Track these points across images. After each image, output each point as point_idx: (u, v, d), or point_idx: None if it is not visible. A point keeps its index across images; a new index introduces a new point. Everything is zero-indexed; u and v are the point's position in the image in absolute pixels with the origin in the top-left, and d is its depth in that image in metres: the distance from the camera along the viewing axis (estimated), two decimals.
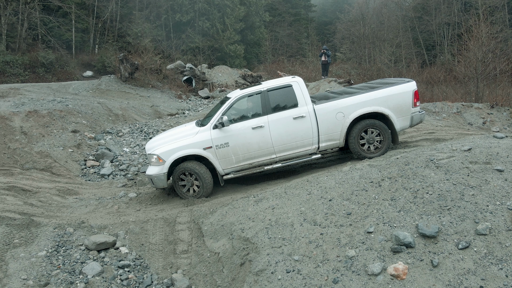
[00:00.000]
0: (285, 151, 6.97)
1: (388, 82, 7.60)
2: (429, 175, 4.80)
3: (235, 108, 7.00)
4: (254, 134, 6.83)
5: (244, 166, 7.00)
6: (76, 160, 9.51)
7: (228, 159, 6.89)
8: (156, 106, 16.03)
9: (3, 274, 4.80)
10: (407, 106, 7.03)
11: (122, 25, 29.11)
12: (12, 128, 10.04)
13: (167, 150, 6.84)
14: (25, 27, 22.91)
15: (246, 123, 6.88)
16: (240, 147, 6.85)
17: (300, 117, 6.86)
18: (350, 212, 4.62)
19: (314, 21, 51.74)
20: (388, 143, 7.05)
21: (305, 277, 3.91)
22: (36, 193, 7.36)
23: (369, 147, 7.06)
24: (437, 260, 3.61)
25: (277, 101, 6.97)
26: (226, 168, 6.97)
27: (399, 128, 7.11)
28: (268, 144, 6.87)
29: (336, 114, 6.93)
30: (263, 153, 6.93)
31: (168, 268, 5.09)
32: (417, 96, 7.12)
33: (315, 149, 7.06)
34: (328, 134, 6.99)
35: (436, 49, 33.65)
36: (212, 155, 6.85)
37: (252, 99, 7.07)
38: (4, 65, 19.23)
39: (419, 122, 7.29)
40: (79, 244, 5.50)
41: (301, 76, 23.64)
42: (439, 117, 12.58)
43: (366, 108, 6.91)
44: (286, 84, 7.05)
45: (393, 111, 6.98)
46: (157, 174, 6.85)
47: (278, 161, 7.05)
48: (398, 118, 7.02)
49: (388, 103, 6.96)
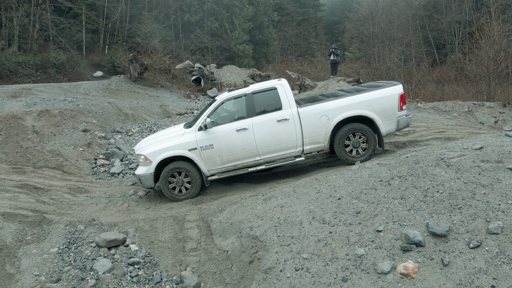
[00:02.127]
0: (269, 153, 6.98)
1: (376, 85, 7.52)
2: (439, 174, 4.76)
3: (220, 111, 7.05)
4: (238, 136, 6.87)
5: (228, 167, 7.05)
6: (87, 159, 9.62)
7: (213, 160, 6.95)
8: (165, 105, 16.13)
9: (16, 270, 4.89)
10: (393, 110, 6.93)
11: (131, 25, 29.38)
12: (24, 128, 10.20)
13: (154, 151, 6.96)
14: (37, 28, 23.27)
15: (230, 125, 6.92)
16: (225, 149, 6.89)
17: (284, 119, 6.86)
18: (359, 211, 4.60)
19: (323, 20, 51.55)
20: (373, 148, 6.97)
21: (314, 275, 3.91)
22: (48, 191, 7.47)
23: (355, 151, 7.00)
24: (448, 259, 3.58)
25: (261, 104, 6.97)
26: (211, 169, 7.03)
27: (385, 132, 7.01)
28: (252, 146, 6.89)
29: (320, 117, 6.88)
30: (247, 155, 6.96)
31: (177, 266, 5.12)
32: (404, 99, 7.02)
33: (299, 151, 7.03)
34: (312, 137, 6.95)
35: (447, 47, 33.27)
36: (197, 156, 6.92)
37: (237, 101, 7.10)
38: (16, 66, 19.54)
39: (405, 126, 7.20)
40: (90, 241, 5.57)
41: (310, 76, 23.34)
42: (449, 116, 12.45)
43: (350, 111, 6.84)
44: (271, 87, 7.06)
45: (378, 114, 6.88)
46: (145, 174, 6.98)
47: (263, 163, 7.07)
48: (383, 122, 6.92)
49: (373, 106, 6.87)
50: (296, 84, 19.14)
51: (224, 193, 7.15)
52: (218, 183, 7.62)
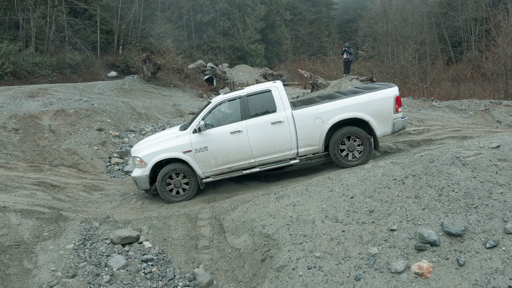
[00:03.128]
0: (263, 156, 6.94)
1: (372, 87, 7.42)
2: (455, 173, 4.68)
3: (215, 113, 7.03)
4: (233, 139, 6.83)
5: (223, 170, 7.02)
6: (101, 157, 9.77)
7: (207, 162, 6.93)
8: (178, 105, 16.25)
9: (33, 265, 5.00)
10: (389, 112, 6.82)
11: (145, 26, 29.70)
12: (41, 127, 10.42)
13: (149, 153, 6.96)
14: (53, 30, 23.72)
15: (224, 128, 6.88)
16: (219, 151, 6.87)
17: (278, 122, 6.80)
18: (372, 210, 4.56)
19: (336, 19, 51.20)
20: (369, 151, 6.88)
21: (326, 273, 3.89)
22: (64, 189, 7.61)
23: (350, 155, 6.91)
24: (464, 259, 3.52)
25: (256, 106, 6.93)
26: (206, 172, 7.01)
27: (380, 135, 6.92)
28: (247, 148, 6.86)
29: (314, 119, 6.80)
30: (241, 157, 6.92)
31: (190, 263, 5.16)
32: (399, 101, 6.91)
33: (294, 154, 6.97)
34: (306, 139, 6.88)
35: (463, 45, 32.65)
36: (192, 159, 6.89)
37: (232, 104, 7.07)
38: (33, 67, 19.96)
39: (401, 129, 7.09)
40: (105, 238, 5.66)
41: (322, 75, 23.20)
42: (465, 114, 12.22)
43: (345, 113, 6.75)
44: (265, 89, 7.01)
45: (373, 117, 6.77)
46: (140, 176, 6.98)
47: (257, 165, 7.03)
48: (379, 124, 6.81)
49: (369, 108, 6.77)
50: (309, 83, 19.06)
51: (236, 191, 7.17)
52: (230, 182, 7.64)
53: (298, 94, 18.76)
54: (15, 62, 18.63)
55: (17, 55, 19.20)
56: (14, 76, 18.62)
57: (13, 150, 9.20)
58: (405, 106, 13.01)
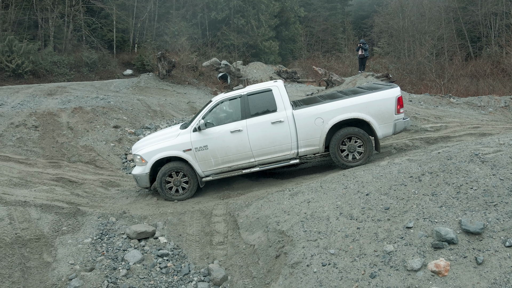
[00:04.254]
0: (263, 156, 6.90)
1: (374, 87, 7.30)
2: (473, 170, 4.58)
3: (215, 112, 7.00)
4: (233, 138, 6.81)
5: (223, 169, 7.01)
6: (118, 154, 9.92)
7: (207, 161, 6.92)
8: (192, 102, 16.36)
9: (52, 258, 5.13)
10: (390, 113, 6.72)
11: (159, 24, 29.96)
12: (60, 124, 10.65)
13: (149, 151, 6.98)
14: (71, 29, 24.16)
15: (225, 127, 6.86)
16: (219, 150, 6.85)
17: (278, 121, 6.75)
18: (388, 207, 4.51)
19: (351, 15, 50.59)
20: (370, 152, 6.80)
21: (341, 270, 3.87)
22: (82, 184, 7.77)
23: (350, 155, 6.84)
24: (482, 257, 3.45)
25: (256, 106, 6.89)
26: (206, 171, 7.01)
27: (382, 136, 6.83)
28: (246, 148, 6.83)
29: (315, 119, 6.74)
30: (241, 156, 6.90)
31: (205, 259, 5.21)
32: (401, 102, 6.80)
33: (294, 154, 6.92)
34: (307, 139, 6.82)
35: (482, 40, 31.85)
36: (192, 157, 6.89)
37: (232, 103, 7.04)
38: (52, 65, 20.37)
39: (402, 130, 7.01)
40: (121, 232, 5.76)
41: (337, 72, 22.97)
42: (484, 111, 11.94)
43: (346, 114, 6.68)
44: (266, 89, 6.97)
45: (374, 117, 6.69)
46: (140, 174, 7.01)
47: (257, 165, 6.99)
48: (380, 125, 6.73)
49: (370, 109, 6.68)
50: (323, 80, 18.91)
51: (250, 188, 7.19)
52: (245, 178, 7.66)
53: (313, 91, 18.65)
54: (34, 61, 19.05)
55: (36, 54, 19.62)
56: (33, 75, 19.05)
57: (33, 146, 9.43)
58: (421, 103, 12.79)
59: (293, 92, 19.17)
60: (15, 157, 8.71)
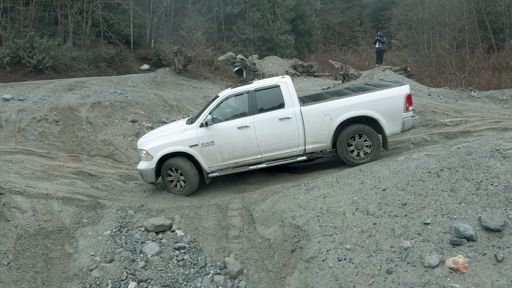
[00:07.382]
0: (270, 152, 6.86)
1: (382, 84, 7.18)
2: (494, 166, 4.48)
3: (222, 107, 6.96)
4: (240, 134, 6.77)
5: (229, 164, 6.99)
6: (135, 148, 10.09)
7: (214, 157, 6.90)
8: (208, 96, 16.44)
9: (74, 250, 5.29)
10: (399, 111, 6.65)
11: (176, 19, 30.12)
12: (79, 118, 10.89)
13: (155, 146, 6.98)
14: (89, 25, 24.55)
15: (232, 123, 6.83)
16: (226, 146, 6.83)
17: (286, 118, 6.70)
18: (405, 203, 4.46)
19: (368, 7, 49.62)
20: (377, 150, 6.73)
21: (357, 266, 3.87)
22: (101, 178, 7.95)
23: (358, 153, 6.80)
24: (502, 254, 3.39)
25: (264, 101, 6.84)
26: (212, 166, 7.00)
27: (390, 133, 6.76)
28: (253, 144, 6.80)
29: (323, 116, 6.68)
30: (248, 153, 6.87)
31: (221, 252, 5.27)
32: (410, 100, 6.69)
33: (301, 151, 6.87)
34: (314, 136, 6.77)
35: (505, 32, 30.81)
36: (198, 153, 6.88)
37: (240, 98, 6.99)
38: (71, 61, 20.78)
39: (411, 128, 6.90)
40: (139, 225, 5.88)
41: (354, 65, 22.66)
42: (507, 105, 11.61)
43: (354, 111, 6.62)
44: (274, 84, 6.90)
45: (383, 115, 6.62)
46: (146, 169, 7.03)
47: (264, 161, 6.96)
48: (388, 123, 6.66)
49: (378, 106, 6.61)
50: (340, 74, 18.70)
51: (266, 182, 7.21)
52: (260, 173, 7.69)
53: (329, 85, 18.47)
54: (54, 56, 19.47)
55: (56, 50, 20.03)
56: (53, 70, 19.49)
57: (54, 140, 9.68)
58: (441, 97, 12.52)
59: (309, 86, 19.04)
60: (37, 151, 8.96)
